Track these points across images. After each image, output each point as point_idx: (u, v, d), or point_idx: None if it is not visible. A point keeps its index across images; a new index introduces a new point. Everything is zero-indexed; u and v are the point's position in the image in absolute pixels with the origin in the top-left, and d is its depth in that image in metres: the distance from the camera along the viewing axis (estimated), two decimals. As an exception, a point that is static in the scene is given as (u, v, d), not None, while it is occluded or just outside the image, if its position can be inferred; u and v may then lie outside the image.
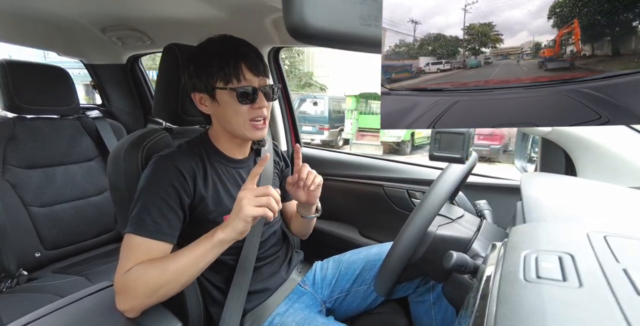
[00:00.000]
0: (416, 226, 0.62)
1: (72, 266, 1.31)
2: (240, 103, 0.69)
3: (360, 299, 0.89)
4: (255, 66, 0.70)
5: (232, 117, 0.71)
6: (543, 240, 0.36)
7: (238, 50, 0.70)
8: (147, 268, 0.60)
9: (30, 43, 1.62)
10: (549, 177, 0.71)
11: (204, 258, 0.62)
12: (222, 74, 0.68)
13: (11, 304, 1.03)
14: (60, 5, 1.14)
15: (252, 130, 0.72)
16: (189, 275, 0.62)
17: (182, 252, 0.62)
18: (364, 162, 1.35)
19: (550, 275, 0.29)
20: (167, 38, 1.29)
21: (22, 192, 1.24)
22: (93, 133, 1.47)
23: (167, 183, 0.67)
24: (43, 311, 0.64)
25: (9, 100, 1.23)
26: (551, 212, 0.49)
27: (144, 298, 0.61)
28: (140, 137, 0.80)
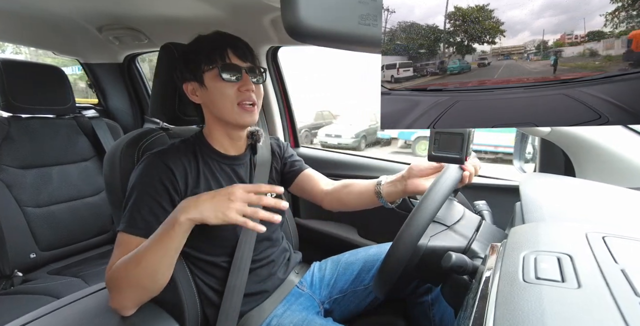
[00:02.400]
0: (414, 227, 0.62)
1: (67, 267, 1.30)
2: (225, 81, 0.69)
3: (358, 300, 0.89)
4: (242, 52, 0.71)
5: (219, 100, 0.71)
6: (542, 241, 0.36)
7: (225, 38, 0.73)
8: (124, 262, 0.60)
9: (27, 42, 1.61)
10: (548, 177, 0.71)
11: (170, 246, 0.59)
12: (208, 58, 0.69)
13: (6, 306, 1.02)
14: (56, 4, 1.14)
15: (241, 113, 0.71)
16: (164, 266, 0.60)
17: (149, 242, 0.60)
18: (363, 162, 1.35)
19: (549, 276, 0.29)
20: (164, 37, 1.29)
21: (17, 193, 1.23)
22: (89, 133, 1.46)
23: (157, 180, 0.67)
24: (38, 312, 0.64)
25: (4, 99, 1.22)
26: (550, 212, 0.49)
27: (128, 292, 0.61)
28: (137, 136, 0.80)
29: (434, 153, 0.67)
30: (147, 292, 0.63)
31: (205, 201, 0.58)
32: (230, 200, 0.57)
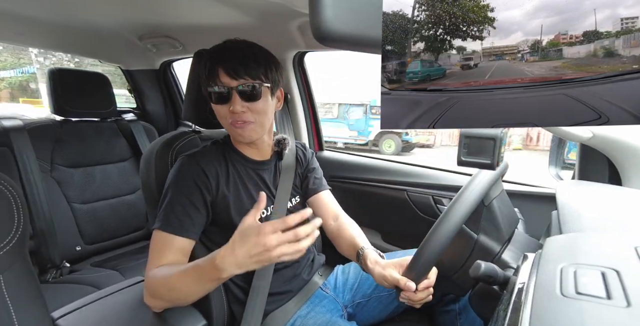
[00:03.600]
0: (441, 234, 0.60)
1: (107, 260, 1.39)
2: (215, 104, 0.72)
3: (382, 305, 0.87)
4: (233, 70, 0.69)
5: (219, 118, 0.75)
6: (582, 253, 0.34)
7: (220, 54, 0.71)
8: (162, 281, 0.62)
9: (77, 51, 1.76)
10: (589, 185, 0.67)
11: (208, 289, 0.63)
12: (205, 78, 0.72)
13: (56, 293, 1.12)
14: (102, 16, 1.23)
15: (234, 130, 0.74)
16: (196, 297, 0.64)
17: (186, 280, 0.60)
18: (387, 166, 1.33)
19: (592, 292, 0.27)
20: (197, 44, 1.36)
21: (66, 190, 1.34)
22: (128, 135, 1.56)
23: (191, 182, 0.70)
24: (82, 301, 0.70)
25: (57, 104, 1.34)
26: (591, 223, 0.46)
27: (162, 302, 0.66)
28: (171, 139, 0.84)
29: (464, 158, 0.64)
30: (178, 305, 0.67)
31: (244, 257, 0.55)
32: (268, 250, 0.53)
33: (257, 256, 0.54)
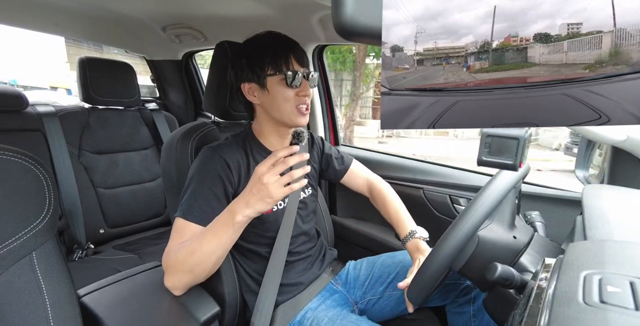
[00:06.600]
0: (460, 234, 0.59)
1: (128, 244, 1.46)
2: (289, 87, 0.73)
3: (393, 304, 0.87)
4: (301, 58, 0.76)
5: (281, 103, 0.75)
6: (609, 261, 0.32)
7: (287, 43, 0.76)
8: (180, 250, 0.66)
9: (105, 41, 1.82)
10: (619, 190, 0.63)
11: (226, 241, 0.65)
12: (274, 64, 0.73)
13: (81, 271, 1.19)
14: (128, 6, 1.27)
15: (298, 115, 0.76)
16: (216, 257, 0.66)
17: (206, 237, 0.65)
18: (404, 163, 1.31)
19: (619, 302, 0.26)
20: (219, 36, 1.37)
21: (92, 174, 1.41)
22: (150, 124, 1.61)
23: (214, 173, 0.72)
24: (105, 281, 0.73)
25: (86, 92, 1.40)
26: (620, 229, 0.44)
27: (180, 275, 0.68)
28: (191, 129, 0.86)
29: (485, 158, 0.62)
30: (196, 278, 0.69)
31: (251, 197, 0.63)
32: (265, 184, 0.61)
33: (259, 192, 0.62)
